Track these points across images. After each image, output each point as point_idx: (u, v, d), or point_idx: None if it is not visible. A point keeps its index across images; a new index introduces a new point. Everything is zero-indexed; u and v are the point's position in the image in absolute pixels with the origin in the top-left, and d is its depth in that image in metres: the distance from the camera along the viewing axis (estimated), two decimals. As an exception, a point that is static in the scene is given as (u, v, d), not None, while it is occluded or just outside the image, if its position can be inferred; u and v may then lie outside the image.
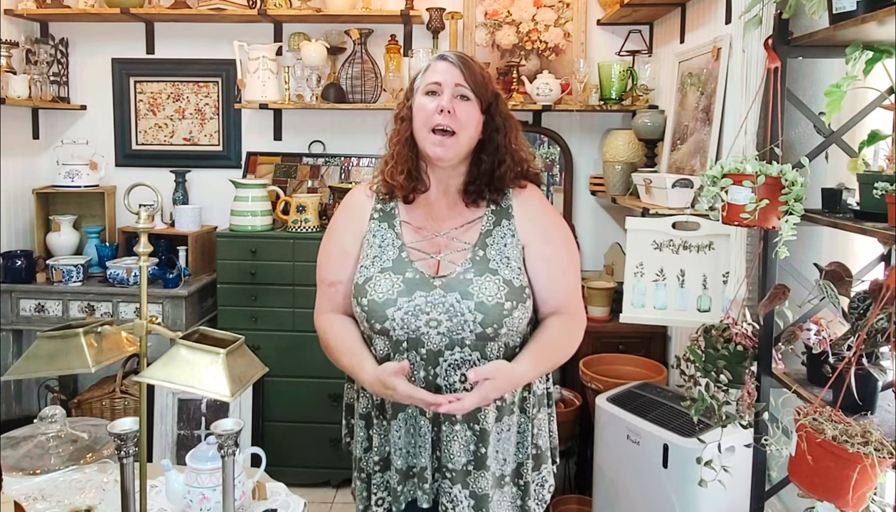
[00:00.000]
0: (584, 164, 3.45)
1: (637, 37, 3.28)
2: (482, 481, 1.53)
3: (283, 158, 3.50)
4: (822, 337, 1.54)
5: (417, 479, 1.55)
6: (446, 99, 1.52)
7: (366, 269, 1.57)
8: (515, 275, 1.55)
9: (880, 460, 1.23)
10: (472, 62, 1.57)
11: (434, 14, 3.28)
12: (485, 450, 1.53)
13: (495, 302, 1.50)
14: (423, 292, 1.51)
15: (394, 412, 1.55)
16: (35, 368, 1.27)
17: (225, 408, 2.99)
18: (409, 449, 1.56)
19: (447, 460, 1.53)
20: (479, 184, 1.60)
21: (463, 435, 1.52)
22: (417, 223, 1.61)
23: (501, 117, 1.59)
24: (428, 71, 1.58)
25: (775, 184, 1.47)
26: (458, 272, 1.53)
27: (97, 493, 1.57)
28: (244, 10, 3.23)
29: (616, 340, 2.93)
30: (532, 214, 1.62)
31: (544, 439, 1.66)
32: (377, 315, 1.52)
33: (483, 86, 1.56)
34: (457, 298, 1.49)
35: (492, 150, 1.59)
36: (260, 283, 3.06)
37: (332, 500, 3.10)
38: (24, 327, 3.14)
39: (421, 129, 1.55)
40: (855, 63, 1.45)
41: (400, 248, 1.57)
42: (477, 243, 1.57)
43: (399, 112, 1.63)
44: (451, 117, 1.52)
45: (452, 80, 1.54)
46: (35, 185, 3.36)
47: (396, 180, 1.59)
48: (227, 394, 1.16)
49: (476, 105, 1.56)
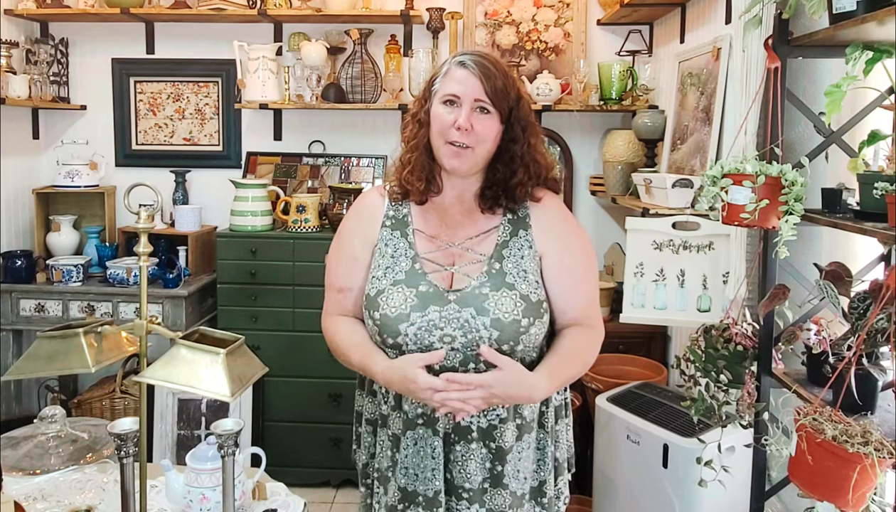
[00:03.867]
0: (584, 164, 3.45)
1: (637, 37, 3.28)
2: (499, 499, 1.47)
3: (283, 158, 3.50)
4: (822, 337, 1.54)
5: (428, 505, 1.46)
6: (464, 116, 1.45)
7: (377, 280, 1.51)
8: (532, 289, 1.49)
9: (880, 460, 1.23)
10: (492, 69, 1.48)
11: (434, 14, 3.28)
12: (501, 468, 1.47)
13: (512, 319, 1.44)
14: (437, 307, 1.45)
15: (403, 429, 1.49)
16: (35, 368, 1.27)
17: (225, 408, 2.99)
18: (415, 471, 1.48)
19: (463, 480, 1.47)
20: (495, 190, 1.54)
21: (479, 453, 1.47)
22: (431, 231, 1.55)
23: (521, 125, 1.52)
24: (447, 77, 1.50)
25: (775, 184, 1.47)
26: (474, 286, 1.46)
27: (97, 493, 1.57)
28: (244, 10, 3.23)
29: (616, 340, 2.92)
30: (550, 224, 1.56)
31: (562, 451, 1.62)
32: (389, 330, 1.46)
33: (504, 95, 1.48)
34: (472, 313, 1.43)
35: (507, 159, 1.52)
36: (260, 283, 3.06)
37: (332, 500, 3.10)
38: (24, 327, 3.14)
39: (437, 138, 1.50)
40: (855, 63, 1.45)
41: (413, 259, 1.51)
42: (493, 255, 1.51)
43: (416, 114, 1.56)
44: (468, 134, 1.46)
45: (472, 94, 1.46)
46: (35, 185, 3.37)
47: (414, 186, 1.54)
48: (227, 394, 1.15)
49: (496, 117, 1.49)
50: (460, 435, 1.47)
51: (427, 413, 1.47)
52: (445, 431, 1.48)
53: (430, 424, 1.47)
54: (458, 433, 1.47)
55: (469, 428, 1.47)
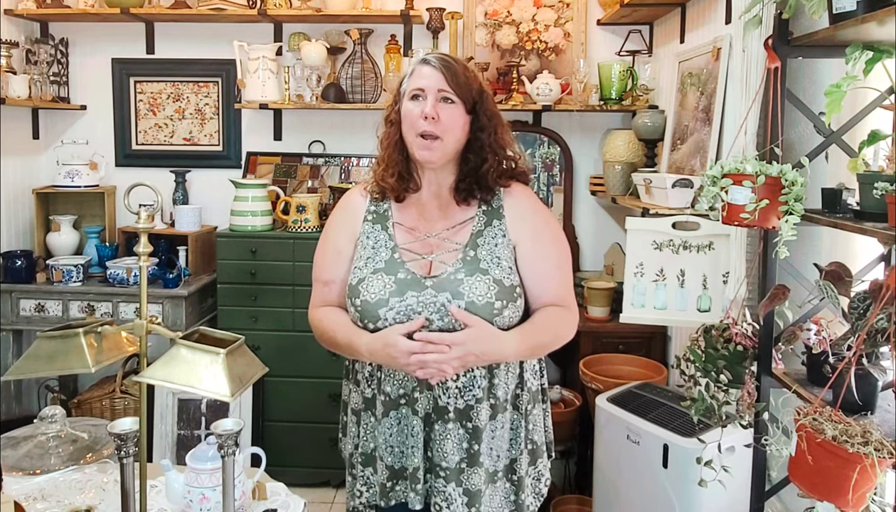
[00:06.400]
0: (584, 164, 3.45)
1: (637, 37, 3.28)
2: (475, 478, 1.55)
3: (283, 158, 3.50)
4: (822, 337, 1.54)
5: (410, 480, 1.55)
6: (430, 105, 1.55)
7: (359, 270, 1.60)
8: (506, 274, 1.57)
9: (880, 460, 1.22)
10: (454, 64, 1.59)
11: (434, 14, 3.28)
12: (478, 447, 1.55)
13: (485, 301, 1.52)
14: (414, 292, 1.53)
15: (385, 410, 1.57)
16: (35, 368, 1.27)
17: (225, 408, 2.99)
18: (400, 448, 1.57)
19: (440, 459, 1.54)
20: (469, 181, 1.63)
21: (456, 433, 1.54)
22: (410, 224, 1.64)
23: (487, 115, 1.61)
24: (413, 75, 1.60)
25: (775, 184, 1.46)
26: (449, 272, 1.55)
27: (97, 493, 1.57)
28: (244, 10, 3.23)
29: (616, 340, 2.92)
30: (523, 213, 1.65)
31: (539, 435, 1.68)
32: (370, 315, 1.54)
33: (467, 87, 1.58)
34: (448, 297, 1.52)
35: (477, 148, 1.62)
36: (260, 283, 3.06)
37: (332, 500, 3.10)
38: (24, 327, 3.14)
39: (408, 133, 1.59)
40: (855, 63, 1.45)
41: (392, 250, 1.60)
42: (468, 244, 1.59)
43: (388, 115, 1.67)
44: (435, 123, 1.55)
45: (435, 85, 1.56)
46: (35, 185, 3.37)
47: (388, 182, 1.64)
48: (227, 394, 1.16)
49: (461, 107, 1.58)
50: (439, 415, 1.55)
51: (408, 394, 1.55)
52: (426, 412, 1.55)
53: (410, 404, 1.55)
54: (437, 413, 1.55)
55: (447, 408, 1.54)
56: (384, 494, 1.58)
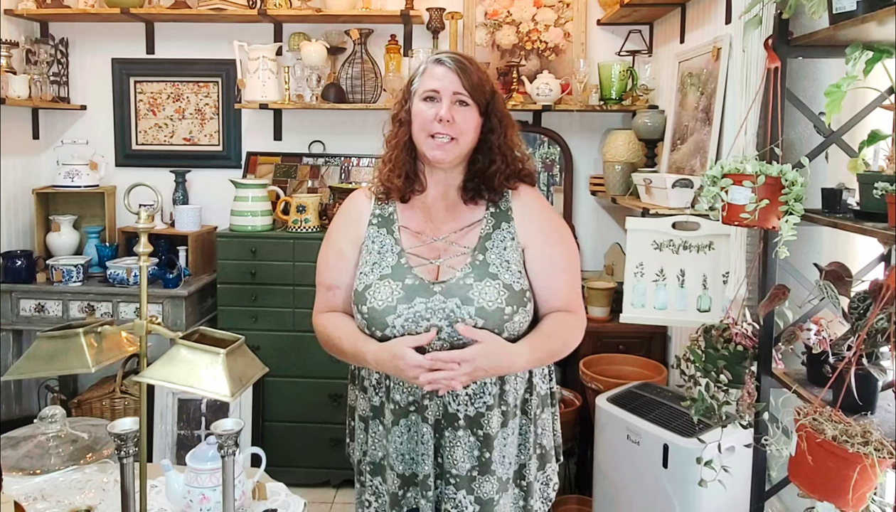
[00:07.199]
0: (584, 164, 3.45)
1: (637, 37, 3.28)
2: (487, 486, 1.52)
3: (283, 158, 3.50)
4: (822, 337, 1.54)
5: (420, 487, 1.53)
6: (445, 108, 1.52)
7: (365, 276, 1.56)
8: (516, 279, 1.54)
9: (880, 460, 1.23)
10: (469, 65, 1.56)
11: (434, 14, 3.28)
12: (489, 455, 1.52)
13: (496, 307, 1.49)
14: (422, 299, 1.50)
15: (395, 419, 1.54)
16: (35, 368, 1.27)
17: (225, 408, 2.99)
18: (411, 455, 1.54)
19: (451, 466, 1.52)
20: (476, 181, 1.60)
21: (466, 440, 1.51)
22: (416, 227, 1.60)
23: (497, 117, 1.59)
24: (425, 75, 1.57)
25: (775, 184, 1.46)
26: (458, 277, 1.52)
27: (97, 493, 1.57)
28: (244, 10, 3.23)
29: (616, 340, 2.93)
30: (531, 216, 1.62)
31: (549, 439, 1.66)
32: (377, 322, 1.51)
33: (481, 89, 1.56)
34: (457, 303, 1.48)
35: (486, 149, 1.59)
36: (260, 283, 3.06)
37: (332, 500, 3.10)
38: (24, 327, 3.14)
39: (419, 133, 1.56)
40: (855, 63, 1.45)
41: (399, 254, 1.56)
42: (476, 247, 1.56)
43: (397, 114, 1.62)
44: (450, 125, 1.52)
45: (451, 87, 1.53)
46: (35, 185, 3.36)
47: (394, 183, 1.60)
48: (227, 394, 1.15)
49: (474, 109, 1.56)
50: (449, 422, 1.52)
51: (417, 401, 1.52)
52: (435, 419, 1.52)
53: (420, 411, 1.52)
54: (447, 420, 1.52)
55: (457, 415, 1.51)
56: (395, 503, 1.55)
